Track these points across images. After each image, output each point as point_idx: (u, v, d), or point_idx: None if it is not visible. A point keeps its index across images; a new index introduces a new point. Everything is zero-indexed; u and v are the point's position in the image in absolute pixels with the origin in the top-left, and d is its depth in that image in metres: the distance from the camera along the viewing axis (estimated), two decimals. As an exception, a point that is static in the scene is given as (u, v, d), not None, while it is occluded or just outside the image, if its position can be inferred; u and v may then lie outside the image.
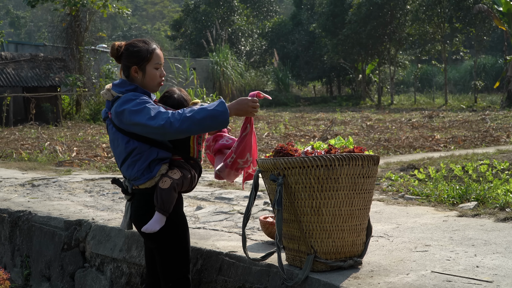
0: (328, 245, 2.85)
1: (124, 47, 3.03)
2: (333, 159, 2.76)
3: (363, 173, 2.85)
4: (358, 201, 2.87)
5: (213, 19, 36.16)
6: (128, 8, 24.22)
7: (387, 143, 10.57)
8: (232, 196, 5.28)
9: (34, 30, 69.30)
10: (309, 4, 39.42)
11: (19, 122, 19.76)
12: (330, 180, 2.76)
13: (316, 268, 2.86)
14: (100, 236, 4.37)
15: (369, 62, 31.68)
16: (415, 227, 3.83)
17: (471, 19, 26.74)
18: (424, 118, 16.99)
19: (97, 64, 23.45)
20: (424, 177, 6.08)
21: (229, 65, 28.35)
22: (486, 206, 4.47)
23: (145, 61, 2.99)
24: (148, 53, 3.01)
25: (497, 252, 3.11)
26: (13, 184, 6.77)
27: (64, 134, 15.07)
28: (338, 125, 15.07)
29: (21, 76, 21.13)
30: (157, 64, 3.02)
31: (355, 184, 2.83)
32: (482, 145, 10.16)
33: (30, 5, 22.01)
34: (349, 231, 2.87)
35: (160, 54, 3.05)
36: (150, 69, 3.01)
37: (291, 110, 25.20)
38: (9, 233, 5.29)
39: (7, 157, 10.35)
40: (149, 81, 3.02)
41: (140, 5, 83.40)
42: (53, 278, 4.78)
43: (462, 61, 38.81)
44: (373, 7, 28.45)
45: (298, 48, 37.11)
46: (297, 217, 2.84)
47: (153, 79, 3.02)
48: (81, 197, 5.77)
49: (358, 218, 2.89)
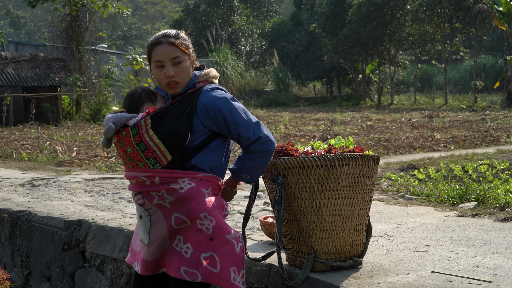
0: (328, 245, 2.85)
1: None
2: (333, 159, 2.76)
3: (363, 173, 2.85)
4: (358, 201, 2.87)
5: (213, 19, 36.15)
6: (128, 8, 24.22)
7: (387, 143, 10.57)
8: (232, 196, 5.27)
9: (34, 30, 69.29)
10: (309, 4, 39.41)
11: (19, 122, 19.75)
12: (330, 180, 2.76)
13: (316, 268, 2.86)
14: (100, 236, 4.37)
15: (369, 62, 31.68)
16: (415, 227, 3.83)
17: (471, 19, 26.74)
18: (424, 118, 16.99)
19: (97, 64, 23.45)
20: (424, 177, 6.08)
21: (229, 65, 28.35)
22: (486, 206, 4.47)
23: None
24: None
25: (497, 252, 3.11)
26: (13, 184, 6.77)
27: (64, 134, 15.07)
28: (338, 125, 15.07)
29: (21, 76, 21.13)
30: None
31: (355, 184, 2.83)
32: (482, 145, 10.15)
33: (30, 5, 22.01)
34: (349, 231, 2.87)
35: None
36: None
37: (291, 110, 25.20)
38: (9, 233, 5.29)
39: (7, 157, 10.35)
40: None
41: (140, 5, 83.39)
42: (53, 278, 4.78)
43: (462, 61, 38.80)
44: (373, 7, 28.44)
45: (298, 48, 37.11)
46: (297, 217, 2.84)
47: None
48: (81, 197, 5.77)
49: (358, 218, 2.89)
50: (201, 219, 2.56)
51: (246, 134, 2.58)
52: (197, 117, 2.61)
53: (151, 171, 2.58)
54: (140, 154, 2.59)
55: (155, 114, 2.59)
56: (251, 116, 2.63)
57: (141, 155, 2.59)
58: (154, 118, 2.58)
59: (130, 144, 2.60)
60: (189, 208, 2.56)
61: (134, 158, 2.61)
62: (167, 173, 2.58)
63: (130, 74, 22.45)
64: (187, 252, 2.56)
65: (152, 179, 2.58)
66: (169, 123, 2.57)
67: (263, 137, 2.60)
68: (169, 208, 2.58)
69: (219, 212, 2.63)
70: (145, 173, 2.59)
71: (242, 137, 2.59)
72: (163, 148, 2.57)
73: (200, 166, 2.63)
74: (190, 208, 2.56)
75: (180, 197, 2.56)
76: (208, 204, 2.58)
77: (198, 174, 2.61)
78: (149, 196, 2.60)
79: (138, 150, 2.59)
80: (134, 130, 2.59)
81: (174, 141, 2.57)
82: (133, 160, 2.62)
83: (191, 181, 2.59)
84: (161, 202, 2.59)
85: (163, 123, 2.58)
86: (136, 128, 2.59)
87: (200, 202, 2.57)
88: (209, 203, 2.59)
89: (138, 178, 2.61)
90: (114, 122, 2.62)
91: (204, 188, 2.60)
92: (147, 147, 2.58)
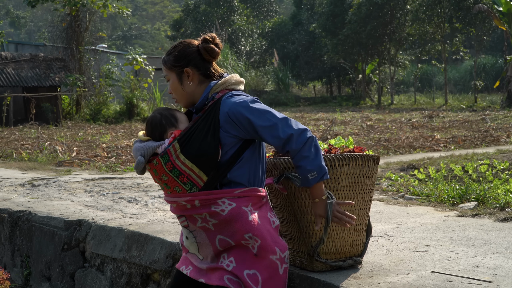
0: (328, 245, 2.85)
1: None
2: (333, 159, 2.76)
3: (363, 173, 2.85)
4: (358, 201, 2.87)
5: (213, 19, 36.18)
6: (128, 8, 24.23)
7: (387, 143, 10.57)
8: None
9: (34, 30, 69.30)
10: (309, 4, 39.44)
11: (19, 122, 19.76)
12: (330, 180, 2.76)
13: (317, 268, 2.87)
14: (100, 236, 4.37)
15: (369, 62, 31.70)
16: (415, 227, 3.83)
17: (471, 19, 26.75)
18: (424, 118, 16.99)
19: (97, 64, 23.46)
20: (424, 177, 6.08)
21: (229, 65, 28.34)
22: (486, 206, 4.47)
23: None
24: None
25: (497, 252, 3.11)
26: (13, 184, 6.77)
27: (64, 134, 15.07)
28: (338, 125, 15.07)
29: (21, 76, 21.14)
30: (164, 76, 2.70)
31: (355, 184, 2.83)
32: (482, 145, 10.15)
33: (30, 5, 22.03)
34: (349, 231, 2.87)
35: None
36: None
37: (291, 110, 25.20)
38: (9, 233, 5.29)
39: (7, 157, 10.35)
40: None
41: (140, 5, 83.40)
42: (53, 278, 4.78)
43: (462, 61, 38.82)
44: (373, 7, 28.46)
45: (298, 48, 37.13)
46: (297, 217, 2.84)
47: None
48: (81, 197, 5.77)
49: (358, 218, 2.89)
50: (246, 240, 2.52)
51: (276, 134, 2.47)
52: (223, 130, 2.52)
53: (189, 195, 2.53)
54: (176, 180, 2.54)
55: (181, 137, 2.52)
56: (276, 114, 2.50)
57: (177, 181, 2.54)
58: (182, 142, 2.51)
59: (164, 172, 2.54)
60: (233, 229, 2.51)
61: (171, 184, 2.56)
62: (206, 195, 2.52)
63: (130, 74, 22.44)
64: (229, 265, 2.54)
65: (192, 203, 2.54)
66: (197, 144, 2.50)
67: (295, 133, 2.47)
68: (213, 230, 2.55)
69: (265, 227, 2.56)
70: (184, 198, 2.54)
71: (273, 137, 2.48)
72: (197, 170, 2.51)
73: (237, 180, 2.56)
74: (234, 229, 2.51)
75: (223, 220, 2.52)
76: (252, 224, 2.51)
77: (235, 191, 2.54)
78: (193, 219, 2.57)
79: (173, 176, 2.54)
80: (165, 158, 2.52)
81: (206, 161, 2.50)
82: (170, 186, 2.56)
83: (231, 200, 2.52)
84: (204, 225, 2.56)
85: (191, 145, 2.50)
86: (166, 155, 2.52)
87: (243, 222, 2.51)
88: (253, 222, 2.52)
89: (178, 202, 2.58)
90: (143, 154, 2.57)
91: (244, 205, 2.54)
92: (181, 173, 2.52)
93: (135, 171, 2.64)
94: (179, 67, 2.62)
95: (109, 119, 20.35)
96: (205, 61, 2.64)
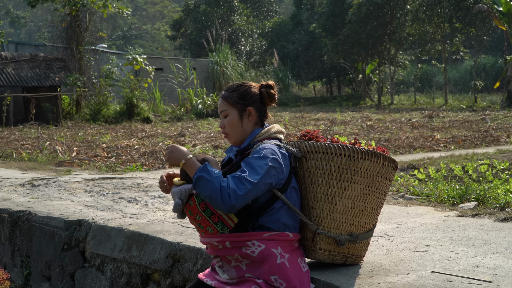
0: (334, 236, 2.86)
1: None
2: (357, 150, 2.79)
3: (382, 173, 2.87)
4: (372, 199, 2.88)
5: (213, 19, 36.14)
6: (128, 8, 24.22)
7: (387, 143, 10.57)
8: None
9: (34, 30, 69.29)
10: (309, 4, 39.43)
11: (19, 122, 19.75)
12: (349, 171, 2.79)
13: (318, 257, 2.83)
14: (100, 236, 4.37)
15: (369, 62, 31.70)
16: (415, 227, 3.83)
17: (471, 19, 26.75)
18: (424, 118, 16.99)
19: (97, 64, 23.44)
20: (424, 177, 6.08)
21: (229, 65, 28.33)
22: (486, 206, 4.47)
23: None
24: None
25: (497, 252, 3.11)
26: (13, 184, 6.77)
27: (64, 134, 15.07)
28: (338, 125, 15.07)
29: (21, 76, 21.13)
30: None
31: (373, 181, 2.85)
32: (482, 145, 10.16)
33: (30, 5, 22.01)
34: (357, 227, 2.87)
35: (218, 103, 2.83)
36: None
37: (291, 110, 25.21)
38: (9, 233, 5.29)
39: (7, 157, 10.35)
40: None
41: (140, 5, 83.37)
42: (53, 278, 4.78)
43: (462, 61, 38.81)
44: (373, 7, 28.45)
45: (298, 48, 37.12)
46: (309, 203, 2.83)
47: None
48: (81, 197, 5.77)
49: (368, 216, 2.89)
50: (271, 281, 2.61)
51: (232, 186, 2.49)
52: None
53: (220, 236, 2.64)
54: (208, 220, 2.65)
55: None
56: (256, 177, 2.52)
57: (209, 221, 2.65)
58: None
59: (198, 212, 2.66)
60: (262, 270, 2.62)
61: (204, 225, 2.67)
62: (236, 237, 2.63)
63: (130, 74, 22.44)
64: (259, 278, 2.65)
65: (223, 244, 2.65)
66: None
67: (230, 208, 2.50)
68: (244, 269, 2.67)
69: (294, 272, 2.64)
70: (215, 239, 2.65)
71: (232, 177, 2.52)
72: None
73: (269, 225, 2.67)
74: (262, 271, 2.61)
75: (253, 261, 2.63)
76: (280, 267, 2.61)
77: (264, 234, 2.64)
78: (226, 260, 2.69)
79: (206, 216, 2.65)
80: (199, 198, 2.64)
81: None
82: (203, 226, 2.68)
83: (261, 242, 2.63)
84: (238, 264, 2.67)
85: None
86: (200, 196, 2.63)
87: (272, 264, 2.61)
88: (281, 265, 2.62)
89: (211, 243, 2.69)
90: (180, 197, 2.69)
91: (274, 248, 2.63)
92: (213, 212, 2.63)
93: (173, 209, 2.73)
94: (243, 105, 2.76)
95: (109, 119, 20.34)
96: (263, 105, 2.81)
